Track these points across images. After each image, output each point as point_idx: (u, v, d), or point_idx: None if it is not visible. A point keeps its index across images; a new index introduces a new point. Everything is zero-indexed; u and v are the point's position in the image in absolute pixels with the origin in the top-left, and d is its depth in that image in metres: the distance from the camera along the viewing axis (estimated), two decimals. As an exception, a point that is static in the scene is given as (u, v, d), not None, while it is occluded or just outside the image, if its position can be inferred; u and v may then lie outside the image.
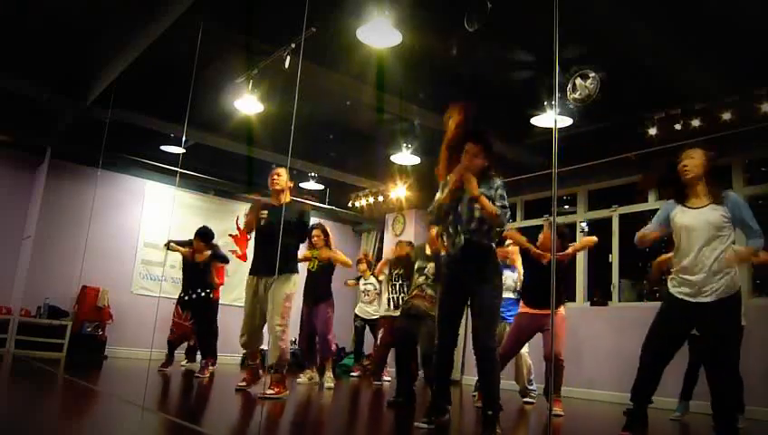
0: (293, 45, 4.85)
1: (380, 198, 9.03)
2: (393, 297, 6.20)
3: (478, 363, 3.33)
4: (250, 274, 4.60)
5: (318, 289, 5.78)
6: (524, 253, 4.90)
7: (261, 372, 4.80)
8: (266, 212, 4.59)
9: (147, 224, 8.46)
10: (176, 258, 8.62)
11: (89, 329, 7.53)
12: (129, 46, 5.31)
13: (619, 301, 6.85)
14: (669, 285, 3.18)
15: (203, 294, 6.27)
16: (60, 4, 5.13)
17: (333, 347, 5.93)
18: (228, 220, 8.90)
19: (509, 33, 5.07)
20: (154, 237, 8.39)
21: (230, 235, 7.95)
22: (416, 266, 4.72)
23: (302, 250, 5.43)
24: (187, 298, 6.33)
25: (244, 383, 4.68)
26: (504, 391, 3.96)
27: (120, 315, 7.84)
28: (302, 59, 4.41)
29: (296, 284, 4.54)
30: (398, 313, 6.06)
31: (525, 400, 5.36)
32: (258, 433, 3.03)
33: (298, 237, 4.64)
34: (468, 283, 3.29)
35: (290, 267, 4.47)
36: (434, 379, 3.54)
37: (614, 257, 6.93)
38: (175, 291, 8.52)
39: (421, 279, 4.60)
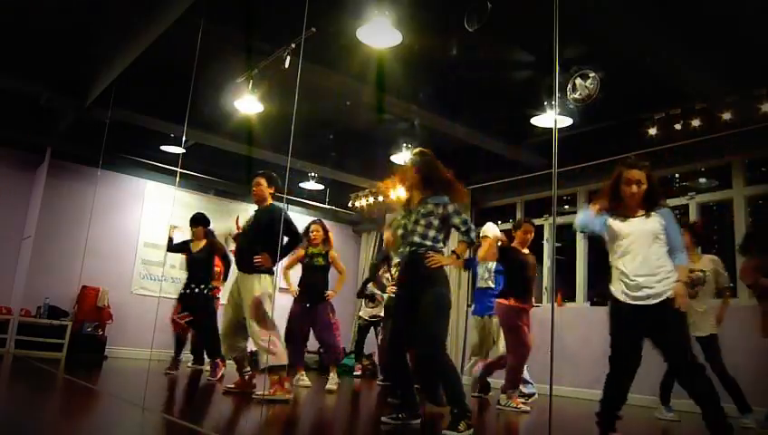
0: (293, 45, 4.85)
1: (380, 198, 9.03)
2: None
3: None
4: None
5: (316, 287, 5.47)
6: (504, 250, 4.95)
7: (251, 377, 4.70)
8: (247, 220, 4.72)
9: (147, 224, 8.45)
10: (176, 258, 8.62)
11: (89, 329, 7.53)
12: (129, 46, 5.31)
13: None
14: (613, 289, 3.18)
15: (202, 290, 6.05)
16: (60, 5, 5.13)
17: (340, 352, 5.56)
18: (228, 220, 8.86)
19: (509, 33, 5.07)
20: (154, 237, 8.39)
21: (230, 235, 7.93)
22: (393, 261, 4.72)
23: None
24: (184, 292, 6.13)
25: (233, 386, 4.61)
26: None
27: (120, 315, 7.83)
28: (302, 59, 4.41)
29: (268, 284, 4.41)
30: None
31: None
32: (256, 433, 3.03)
33: (269, 238, 4.41)
34: (413, 290, 3.38)
35: (258, 267, 4.38)
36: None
37: (614, 257, 6.92)
38: (175, 291, 8.53)
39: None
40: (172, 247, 6.44)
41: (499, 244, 4.91)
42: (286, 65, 4.90)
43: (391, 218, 3.75)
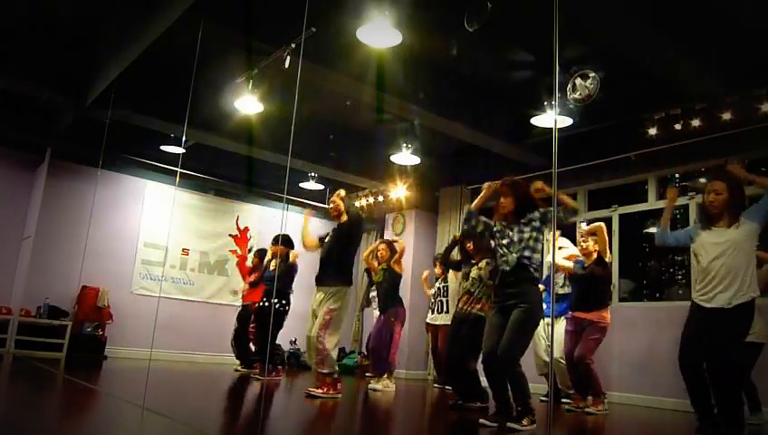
0: (293, 45, 4.85)
1: (380, 198, 9.03)
2: (439, 301, 6.21)
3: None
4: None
5: (380, 300, 6.04)
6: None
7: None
8: (328, 234, 4.94)
9: (147, 224, 8.45)
10: (176, 258, 8.63)
11: (89, 329, 7.52)
12: (129, 46, 5.30)
13: (619, 301, 6.85)
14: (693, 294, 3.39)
15: (282, 303, 6.19)
16: (60, 5, 5.14)
17: (384, 364, 5.85)
18: (228, 220, 8.90)
19: (509, 33, 5.07)
20: (154, 237, 8.39)
21: (230, 235, 7.94)
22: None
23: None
24: (260, 305, 6.36)
25: (314, 389, 4.64)
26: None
27: (120, 315, 7.83)
28: (302, 59, 4.41)
29: (342, 298, 4.63)
30: (441, 318, 6.08)
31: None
32: (258, 432, 3.03)
33: (345, 249, 4.79)
34: (507, 305, 3.64)
35: (335, 280, 4.65)
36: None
37: (614, 257, 6.92)
38: (175, 291, 8.55)
39: (467, 284, 4.75)
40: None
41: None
42: (286, 65, 4.90)
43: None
